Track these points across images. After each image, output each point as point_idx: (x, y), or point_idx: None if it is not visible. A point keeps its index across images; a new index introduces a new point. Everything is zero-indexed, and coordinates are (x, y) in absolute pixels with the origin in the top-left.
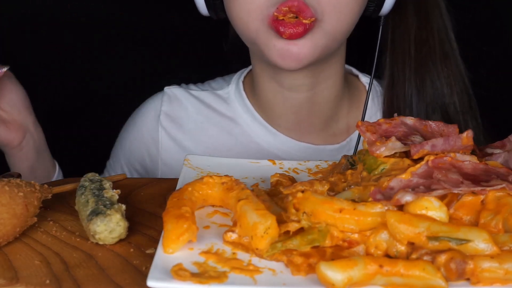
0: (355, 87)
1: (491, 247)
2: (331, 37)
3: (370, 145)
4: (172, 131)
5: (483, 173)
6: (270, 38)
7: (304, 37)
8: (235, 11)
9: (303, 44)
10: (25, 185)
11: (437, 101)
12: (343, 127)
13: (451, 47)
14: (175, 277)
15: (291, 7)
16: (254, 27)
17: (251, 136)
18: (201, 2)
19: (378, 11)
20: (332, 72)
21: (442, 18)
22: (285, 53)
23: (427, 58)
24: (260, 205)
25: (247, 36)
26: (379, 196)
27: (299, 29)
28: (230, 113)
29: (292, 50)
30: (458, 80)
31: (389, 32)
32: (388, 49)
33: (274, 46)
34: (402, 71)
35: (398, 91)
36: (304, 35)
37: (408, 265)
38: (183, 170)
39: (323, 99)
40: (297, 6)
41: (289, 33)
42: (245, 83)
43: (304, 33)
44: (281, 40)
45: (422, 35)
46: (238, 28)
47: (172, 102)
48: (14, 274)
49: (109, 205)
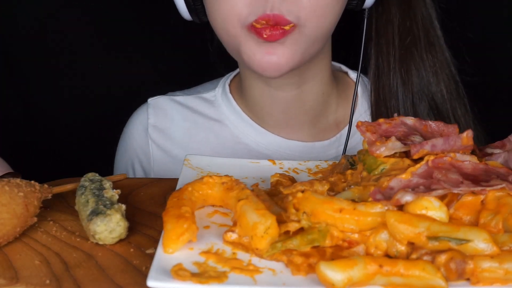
0: (343, 83)
1: (491, 247)
2: (311, 40)
3: (370, 145)
4: (161, 142)
5: (483, 173)
6: (250, 43)
7: (284, 42)
8: (215, 18)
9: (282, 53)
10: (25, 185)
11: (423, 90)
12: (332, 123)
13: (436, 35)
14: (175, 277)
15: (268, 20)
16: (234, 33)
17: (239, 138)
18: (183, 7)
19: (361, 4)
20: (318, 69)
21: (426, 7)
22: (264, 64)
23: (411, 47)
24: (260, 205)
25: (229, 42)
26: (379, 196)
27: (278, 31)
28: (217, 116)
29: (271, 60)
30: (444, 68)
31: (373, 23)
32: (373, 40)
33: (254, 56)
34: (387, 61)
35: (384, 82)
36: (283, 37)
37: (408, 265)
38: (183, 170)
39: (311, 96)
40: (273, 20)
41: (269, 34)
42: (232, 85)
43: (283, 35)
44: (260, 47)
45: (406, 25)
46: (219, 34)
47: (158, 113)
48: (14, 274)
49: (109, 205)
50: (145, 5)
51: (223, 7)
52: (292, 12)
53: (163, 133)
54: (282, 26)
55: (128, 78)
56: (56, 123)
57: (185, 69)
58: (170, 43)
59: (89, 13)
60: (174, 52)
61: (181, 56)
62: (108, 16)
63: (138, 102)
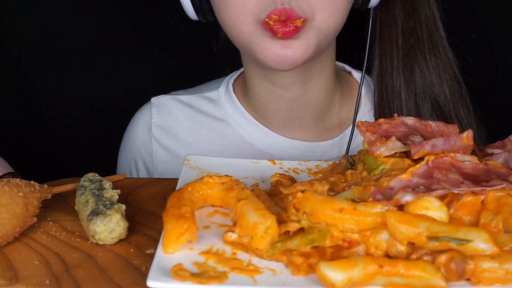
0: (347, 83)
1: (492, 247)
2: (323, 34)
3: (370, 145)
4: (165, 142)
5: (483, 173)
6: (265, 40)
7: (298, 37)
8: (226, 17)
9: (297, 46)
10: (25, 185)
11: (426, 91)
12: (335, 123)
13: (439, 36)
14: (175, 277)
15: (280, 15)
16: (247, 31)
17: (243, 137)
18: (189, 7)
19: (367, 3)
20: (322, 68)
21: (430, 8)
22: (279, 58)
23: (415, 48)
24: (260, 205)
25: (241, 40)
26: (379, 196)
27: (291, 27)
28: (221, 115)
29: (287, 54)
30: (447, 69)
31: (377, 23)
32: (377, 40)
33: (269, 51)
34: (390, 61)
35: (387, 82)
36: (297, 33)
37: (408, 265)
38: (183, 170)
39: (314, 96)
40: (285, 14)
41: (283, 32)
42: (236, 84)
43: (296, 32)
44: (275, 43)
45: (410, 25)
46: (231, 33)
47: (161, 112)
48: (14, 274)
49: (109, 205)
50: (146, 4)
51: (234, 6)
52: (301, 6)
53: (166, 132)
54: (294, 21)
55: (128, 78)
56: (56, 123)
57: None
58: (171, 42)
59: (89, 13)
60: (176, 51)
61: (183, 56)
62: (109, 16)
63: (139, 102)
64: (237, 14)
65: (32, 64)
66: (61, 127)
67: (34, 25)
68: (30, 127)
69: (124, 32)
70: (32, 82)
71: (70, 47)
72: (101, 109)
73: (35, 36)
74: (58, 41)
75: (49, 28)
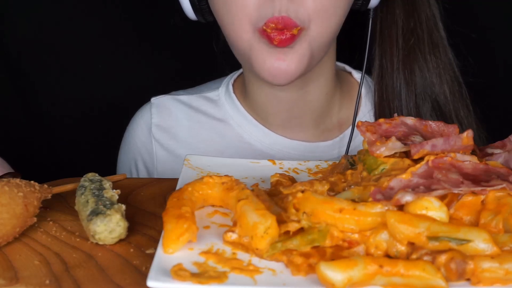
0: (347, 84)
1: (492, 247)
2: (316, 43)
3: (370, 145)
4: (165, 142)
5: (483, 173)
6: (261, 48)
7: (293, 46)
8: (226, 22)
9: (291, 58)
10: (25, 185)
11: (426, 91)
12: (335, 124)
13: (439, 36)
14: (175, 277)
15: (277, 23)
16: (247, 38)
17: (243, 137)
18: (188, 7)
19: (367, 4)
20: (322, 70)
21: (430, 8)
22: (274, 71)
23: (415, 48)
24: (260, 205)
25: (240, 46)
26: (379, 196)
27: (287, 35)
28: (221, 115)
29: (281, 67)
30: (448, 69)
31: (377, 24)
32: (377, 41)
33: (265, 63)
34: (391, 61)
35: (387, 82)
36: (292, 42)
37: (408, 265)
38: (183, 170)
39: (314, 97)
40: (282, 22)
41: (279, 39)
42: (236, 85)
43: (292, 40)
44: (271, 52)
45: (410, 25)
46: (230, 37)
47: (161, 112)
48: (14, 274)
49: (109, 205)
50: (146, 4)
51: (233, 10)
52: (298, 14)
53: (166, 132)
54: (290, 29)
55: (128, 78)
56: (56, 123)
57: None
58: (171, 42)
59: (89, 13)
60: (176, 51)
61: (183, 56)
62: (109, 16)
63: (139, 102)
64: (237, 21)
65: (32, 64)
66: (61, 127)
67: (34, 25)
68: (30, 127)
69: (124, 32)
70: (32, 82)
71: (70, 47)
72: (101, 109)
73: (35, 36)
74: (58, 41)
75: (49, 28)
